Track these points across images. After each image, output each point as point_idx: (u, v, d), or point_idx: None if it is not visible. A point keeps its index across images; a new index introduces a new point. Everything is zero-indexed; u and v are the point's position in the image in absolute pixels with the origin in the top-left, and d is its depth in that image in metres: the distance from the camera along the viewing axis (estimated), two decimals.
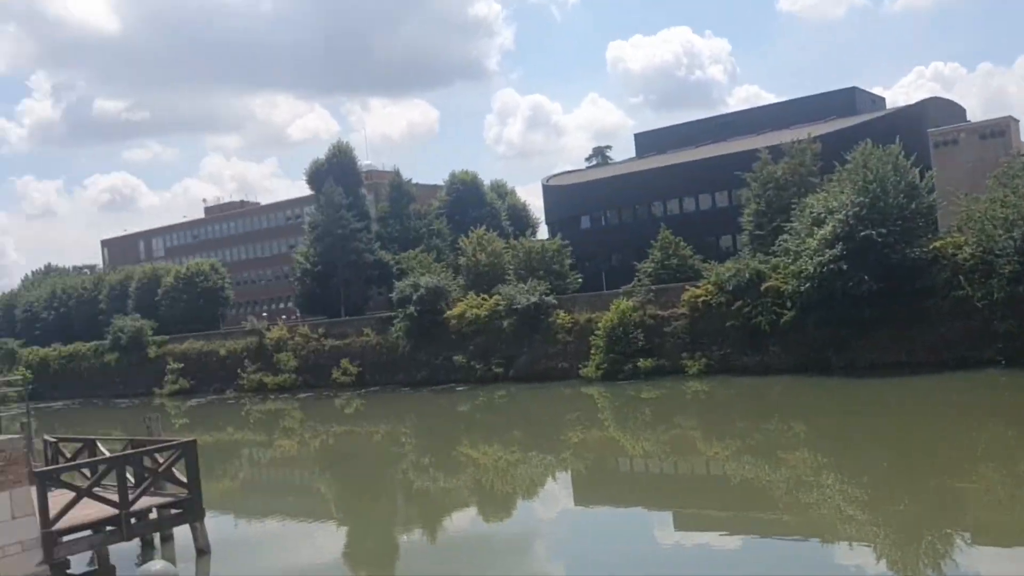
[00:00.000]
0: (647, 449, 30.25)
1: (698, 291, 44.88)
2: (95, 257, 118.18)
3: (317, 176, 70.70)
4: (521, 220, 77.68)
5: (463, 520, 22.89)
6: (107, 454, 20.09)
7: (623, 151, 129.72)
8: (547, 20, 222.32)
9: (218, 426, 47.76)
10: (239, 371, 61.40)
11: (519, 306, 49.89)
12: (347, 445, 38.73)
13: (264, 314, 75.83)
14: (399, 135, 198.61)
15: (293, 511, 26.25)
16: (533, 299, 49.79)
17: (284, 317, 73.85)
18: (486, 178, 77.94)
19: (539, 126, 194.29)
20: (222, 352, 63.86)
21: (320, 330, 60.74)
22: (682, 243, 51.52)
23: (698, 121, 75.17)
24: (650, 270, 50.07)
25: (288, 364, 59.51)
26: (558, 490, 26.23)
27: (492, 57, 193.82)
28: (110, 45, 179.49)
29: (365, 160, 78.07)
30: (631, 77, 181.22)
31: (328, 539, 22.17)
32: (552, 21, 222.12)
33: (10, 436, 16.89)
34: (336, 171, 69.42)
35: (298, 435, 43.47)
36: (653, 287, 47.77)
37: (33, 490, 16.74)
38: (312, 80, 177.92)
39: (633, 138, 78.71)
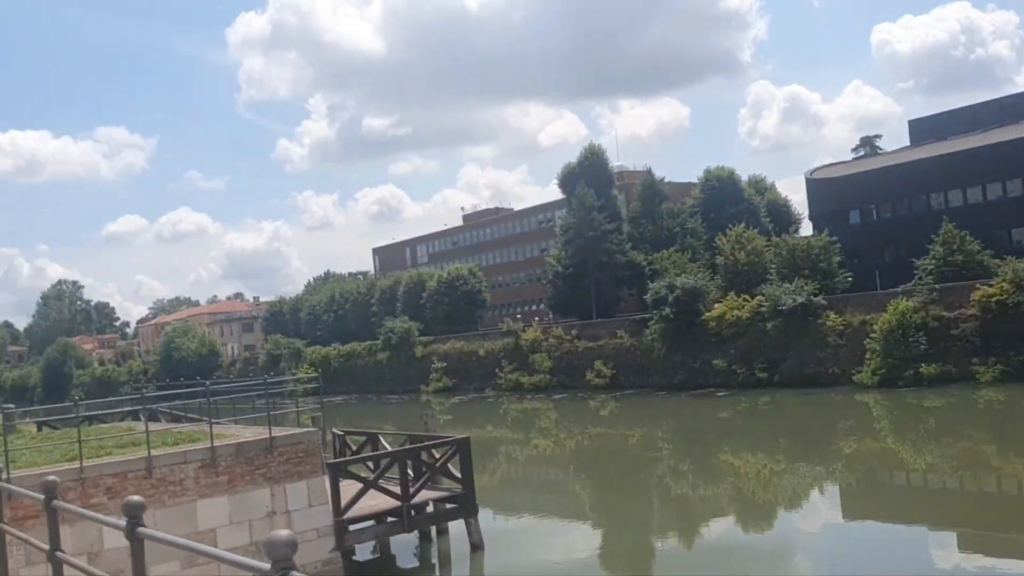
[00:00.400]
0: (929, 462, 27.94)
1: (991, 290, 40.47)
2: (367, 264, 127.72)
3: (569, 179, 71.31)
4: (782, 216, 73.73)
5: (721, 528, 22.33)
6: (388, 448, 21.05)
7: (892, 140, 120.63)
8: (804, 7, 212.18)
9: (478, 423, 49.36)
10: (497, 371, 63.36)
11: (784, 307, 47.30)
12: (602, 447, 38.68)
13: (518, 316, 77.77)
14: (648, 134, 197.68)
15: (551, 509, 26.62)
16: (800, 299, 46.99)
17: (537, 319, 75.32)
18: (741, 174, 75.01)
19: (796, 117, 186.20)
20: (481, 352, 66.19)
21: (573, 332, 61.21)
22: (968, 237, 46.59)
23: (982, 103, 67.84)
24: (931, 267, 45.68)
25: (543, 365, 60.52)
26: (825, 503, 24.91)
27: (746, 49, 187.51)
28: (376, 66, 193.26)
29: (616, 161, 77.67)
30: (900, 60, 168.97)
31: (585, 539, 22.23)
32: (809, 8, 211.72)
33: (307, 429, 18.02)
34: (588, 173, 69.63)
35: (553, 435, 43.96)
36: (936, 286, 43.59)
37: (325, 480, 17.80)
38: (562, 86, 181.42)
39: (907, 125, 72.64)
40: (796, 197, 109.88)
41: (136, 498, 3.12)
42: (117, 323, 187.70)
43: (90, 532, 14.17)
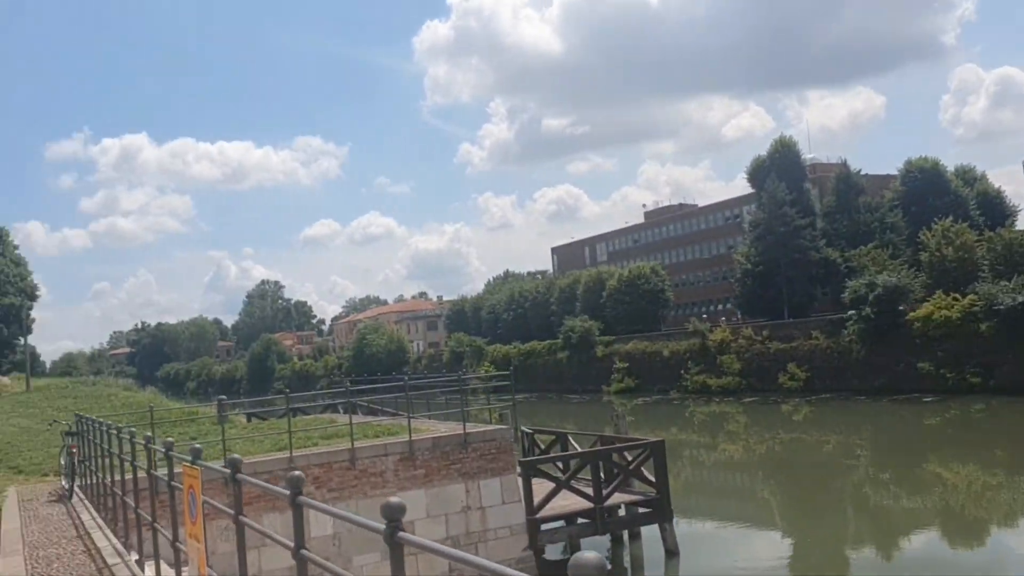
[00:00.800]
0: None
1: None
2: (545, 263, 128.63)
3: (758, 173, 68.68)
4: (994, 208, 67.51)
5: (923, 542, 21.20)
6: (578, 448, 20.72)
7: None
8: None
9: (663, 425, 48.31)
10: (682, 372, 61.78)
11: (1002, 307, 43.49)
12: (795, 453, 37.30)
13: (704, 316, 75.67)
14: (839, 126, 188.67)
15: (742, 516, 26.13)
16: (1021, 298, 42.97)
17: (724, 319, 73.02)
18: (947, 164, 69.33)
19: (1008, 102, 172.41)
20: (665, 353, 64.76)
21: (764, 332, 58.75)
22: None
23: None
24: None
25: (731, 367, 58.48)
26: None
27: (949, 32, 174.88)
28: (555, 67, 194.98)
29: (807, 154, 74.02)
30: None
31: (778, 548, 21.55)
32: None
33: (499, 426, 17.96)
34: (778, 167, 66.85)
35: (742, 440, 42.50)
36: None
37: (518, 478, 17.66)
38: (747, 78, 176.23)
39: None
40: (1011, 188, 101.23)
41: (395, 500, 2.80)
42: (314, 320, 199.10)
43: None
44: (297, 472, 4.02)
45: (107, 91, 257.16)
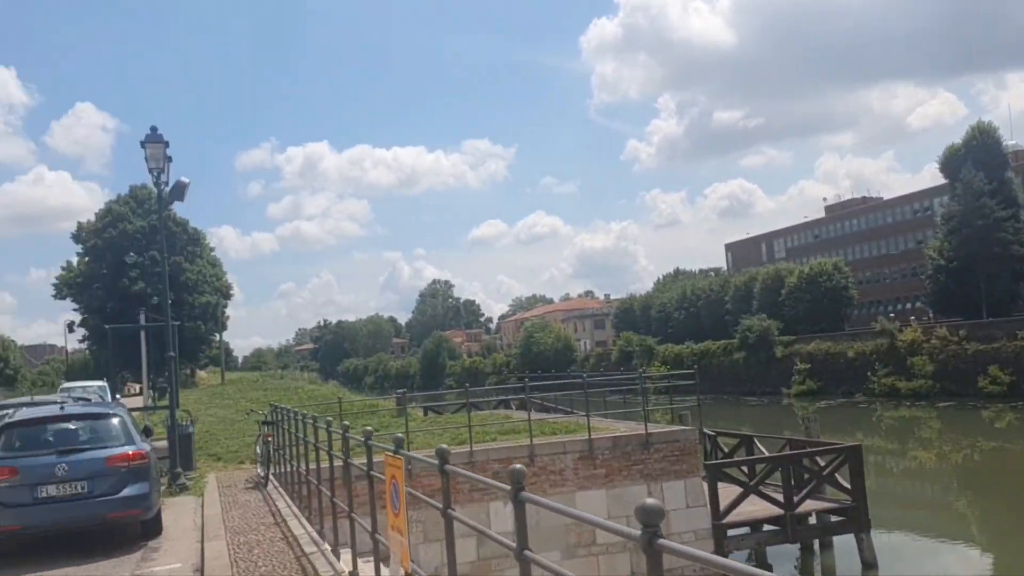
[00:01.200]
0: None
1: None
2: (715, 261, 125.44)
3: (952, 162, 64.01)
4: None
5: None
6: (764, 452, 19.76)
7: None
8: None
9: (846, 430, 45.67)
10: (868, 374, 58.33)
11: None
12: (996, 463, 34.62)
13: (891, 314, 71.23)
14: None
15: (937, 528, 24.59)
16: None
17: (912, 318, 68.49)
18: None
19: None
20: (850, 354, 61.32)
21: (961, 332, 54.51)
22: None
23: None
24: None
25: (923, 369, 54.63)
26: None
27: None
28: (727, 59, 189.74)
29: (1008, 140, 68.21)
30: None
31: (974, 564, 20.05)
32: None
33: (683, 427, 17.33)
34: (975, 155, 62.02)
35: (935, 447, 39.73)
36: None
37: (703, 481, 16.96)
38: (935, 63, 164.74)
39: None
40: None
41: (652, 501, 2.38)
42: (482, 319, 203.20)
43: (479, 513, 14.57)
44: (518, 465, 3.66)
45: (291, 103, 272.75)
